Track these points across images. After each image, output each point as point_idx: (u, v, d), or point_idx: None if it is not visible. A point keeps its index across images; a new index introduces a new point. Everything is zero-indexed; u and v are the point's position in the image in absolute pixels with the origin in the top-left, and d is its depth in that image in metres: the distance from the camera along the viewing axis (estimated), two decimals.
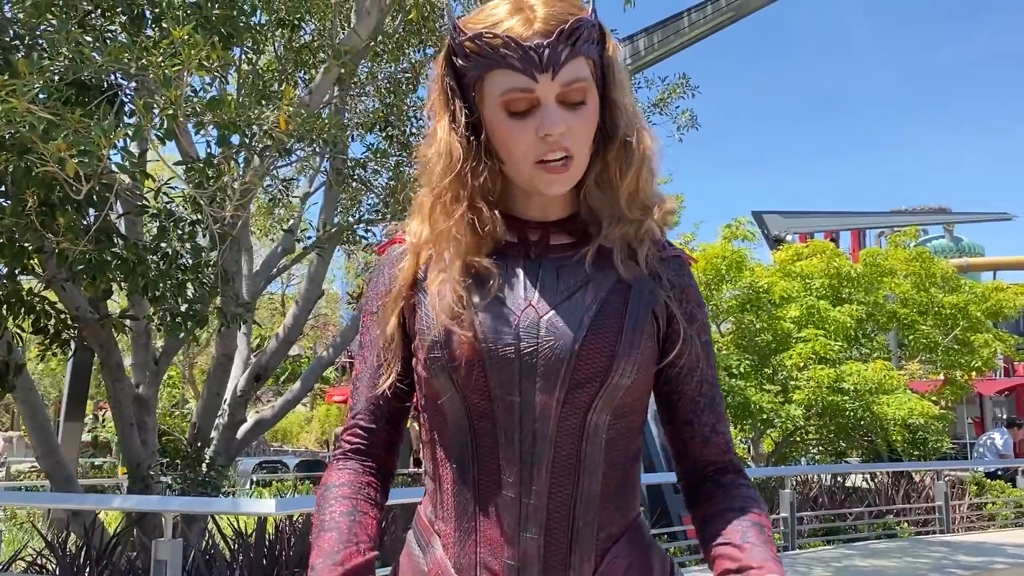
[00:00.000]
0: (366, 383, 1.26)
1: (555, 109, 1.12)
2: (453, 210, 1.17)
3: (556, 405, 1.12)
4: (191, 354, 18.40)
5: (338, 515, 1.16)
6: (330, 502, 1.19)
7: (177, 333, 4.61)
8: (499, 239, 1.18)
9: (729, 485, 1.20)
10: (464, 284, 1.16)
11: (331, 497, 1.19)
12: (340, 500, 1.19)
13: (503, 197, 1.21)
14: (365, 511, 1.18)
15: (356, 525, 1.15)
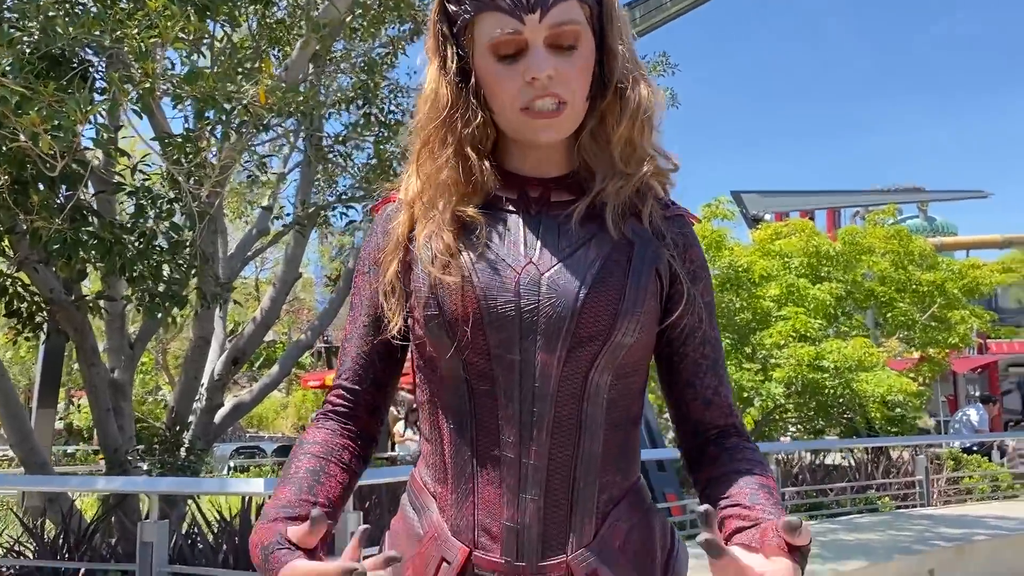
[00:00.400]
0: (355, 344, 1.23)
1: (542, 52, 1.08)
2: (439, 156, 1.14)
3: (557, 364, 1.08)
4: (164, 340, 18.21)
5: (303, 471, 1.13)
6: (299, 457, 1.16)
7: (155, 313, 4.51)
8: (489, 190, 1.15)
9: (733, 448, 1.17)
10: (453, 232, 1.12)
11: (301, 453, 1.16)
12: (309, 457, 1.15)
13: (501, 153, 1.18)
14: (332, 473, 1.14)
15: (317, 485, 1.12)
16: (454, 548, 1.09)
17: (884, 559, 5.15)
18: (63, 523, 5.19)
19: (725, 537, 1.04)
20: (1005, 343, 22.83)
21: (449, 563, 1.09)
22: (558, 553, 1.08)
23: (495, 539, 1.08)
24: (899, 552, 5.39)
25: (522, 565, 1.08)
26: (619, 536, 1.11)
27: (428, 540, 1.12)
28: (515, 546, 1.08)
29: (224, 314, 8.95)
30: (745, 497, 1.06)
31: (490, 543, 1.08)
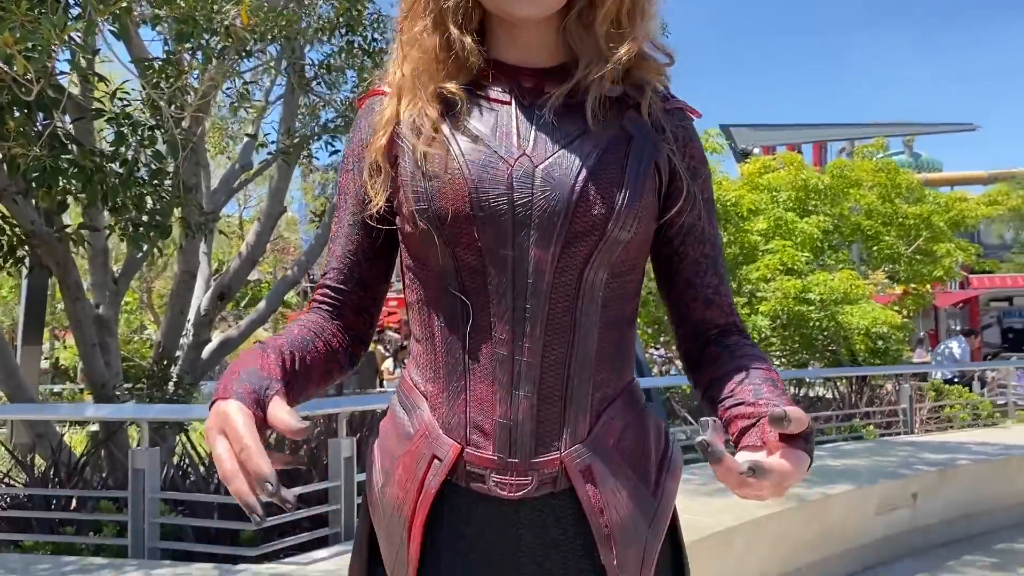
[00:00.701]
0: (341, 243, 1.19)
1: None
2: (415, 25, 1.09)
3: (551, 260, 1.04)
4: (149, 279, 18.07)
5: (294, 336, 1.11)
6: (291, 328, 1.13)
7: (140, 244, 4.43)
8: (472, 67, 1.09)
9: (734, 346, 1.14)
10: (438, 110, 1.08)
11: (294, 326, 1.14)
12: (302, 328, 1.13)
13: (490, 42, 1.13)
14: (318, 350, 1.12)
15: (305, 352, 1.09)
16: (445, 445, 1.07)
17: (869, 483, 5.23)
18: (53, 457, 5.18)
19: (734, 438, 1.01)
20: (986, 278, 23.09)
21: (440, 460, 1.07)
22: (551, 450, 1.06)
23: (487, 436, 1.06)
24: (884, 477, 5.47)
25: (515, 461, 1.05)
26: (613, 434, 1.09)
27: (419, 438, 1.09)
28: (508, 443, 1.05)
29: (209, 249, 8.86)
30: (748, 393, 1.03)
31: (482, 440, 1.06)
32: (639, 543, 1.08)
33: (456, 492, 1.09)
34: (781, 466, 0.89)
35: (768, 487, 0.89)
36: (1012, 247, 29.31)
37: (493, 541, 1.08)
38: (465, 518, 1.08)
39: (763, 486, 0.89)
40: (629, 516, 1.08)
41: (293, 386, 1.04)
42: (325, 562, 3.61)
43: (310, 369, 1.09)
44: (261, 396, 0.96)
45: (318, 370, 1.10)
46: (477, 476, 1.07)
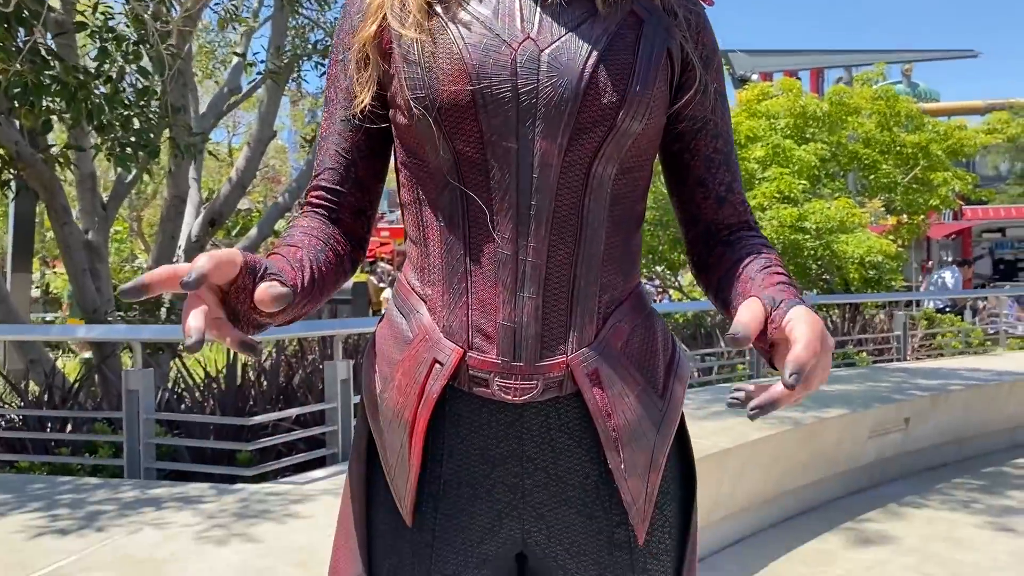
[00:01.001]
0: (333, 141, 1.11)
1: None
2: None
3: (558, 153, 0.98)
4: (138, 206, 17.90)
5: (307, 245, 1.04)
6: (296, 235, 1.06)
7: (127, 164, 4.33)
8: None
9: (737, 241, 1.10)
10: None
11: (297, 232, 1.07)
12: (310, 236, 1.06)
13: None
14: (329, 260, 1.05)
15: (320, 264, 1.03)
16: (447, 349, 1.02)
17: (863, 408, 5.26)
18: (46, 382, 5.16)
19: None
20: (980, 209, 23.04)
21: (442, 364, 1.02)
22: (557, 353, 1.01)
23: (490, 339, 1.01)
24: (877, 401, 5.50)
25: (519, 365, 1.00)
26: (621, 337, 1.04)
27: (418, 342, 1.04)
28: (512, 346, 1.00)
29: (198, 175, 8.72)
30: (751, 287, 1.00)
31: (485, 343, 1.01)
32: (647, 447, 1.04)
33: (458, 397, 1.04)
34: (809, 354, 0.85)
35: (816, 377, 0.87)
36: (1007, 178, 29.21)
37: (497, 447, 1.04)
38: (468, 423, 1.04)
39: (811, 381, 0.87)
40: (637, 419, 1.04)
41: (303, 298, 0.99)
42: (322, 481, 3.61)
43: (324, 282, 1.03)
44: (259, 270, 0.90)
45: (329, 281, 1.05)
46: (480, 380, 1.02)
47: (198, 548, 2.70)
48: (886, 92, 11.57)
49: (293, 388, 4.78)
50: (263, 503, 3.22)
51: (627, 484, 1.03)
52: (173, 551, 2.67)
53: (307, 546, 2.72)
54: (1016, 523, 4.64)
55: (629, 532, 1.06)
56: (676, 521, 1.11)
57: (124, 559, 2.60)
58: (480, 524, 1.05)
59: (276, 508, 3.15)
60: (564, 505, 1.05)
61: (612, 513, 1.06)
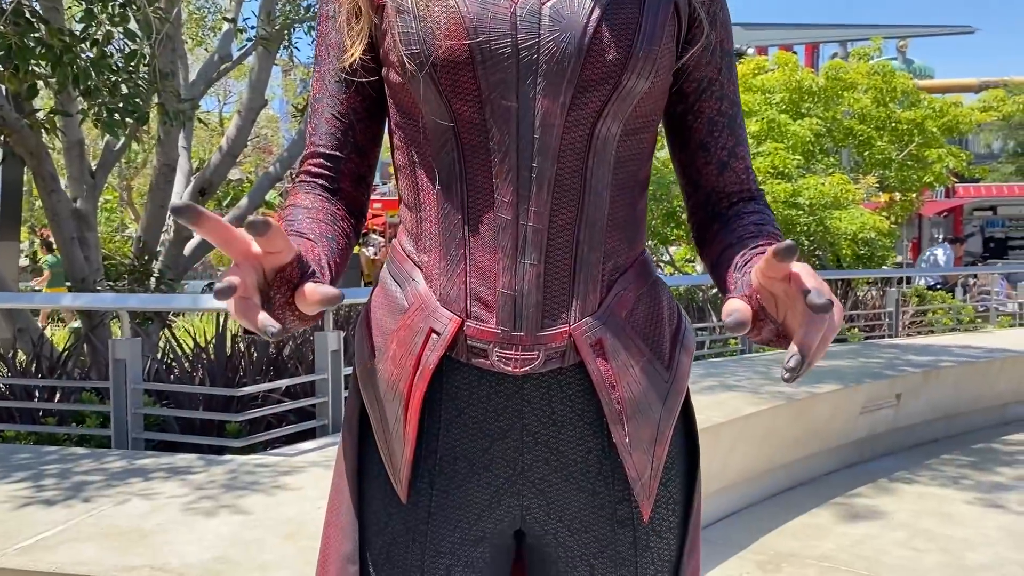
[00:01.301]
0: (327, 104, 1.05)
1: None
2: None
3: (561, 111, 0.93)
4: (128, 175, 17.74)
5: (318, 232, 0.97)
6: (301, 220, 0.98)
7: (115, 130, 4.24)
8: None
9: (736, 216, 1.05)
10: None
11: (304, 218, 0.99)
12: (316, 223, 0.99)
13: None
14: (341, 248, 0.99)
15: (335, 256, 0.97)
16: (444, 318, 0.97)
17: (855, 383, 5.25)
18: (34, 351, 5.11)
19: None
20: (972, 187, 23.08)
21: (439, 334, 0.97)
22: (559, 322, 0.97)
23: (490, 308, 0.96)
24: (869, 377, 5.50)
25: (520, 335, 0.96)
26: (626, 306, 1.00)
27: (414, 311, 0.99)
28: (512, 315, 0.96)
29: (188, 144, 8.61)
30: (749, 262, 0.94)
31: (484, 312, 0.96)
32: (652, 420, 1.00)
33: (456, 368, 1.00)
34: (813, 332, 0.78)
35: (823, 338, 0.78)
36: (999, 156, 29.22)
37: (496, 420, 1.00)
38: (466, 396, 1.00)
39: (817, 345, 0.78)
40: (642, 391, 1.00)
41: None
42: (312, 453, 3.58)
43: (338, 275, 0.98)
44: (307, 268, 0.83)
45: (342, 271, 1.00)
46: (479, 351, 0.98)
47: (186, 519, 2.67)
48: (883, 68, 11.51)
49: (283, 359, 4.73)
50: (252, 475, 3.19)
51: (632, 459, 0.99)
52: (160, 522, 2.64)
53: (296, 518, 2.69)
54: (1005, 499, 4.65)
55: (632, 509, 1.03)
56: (680, 497, 1.07)
57: (110, 529, 2.57)
58: (478, 500, 1.02)
59: (265, 480, 3.12)
60: (565, 481, 1.02)
61: (615, 489, 1.02)
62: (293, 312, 0.82)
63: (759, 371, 5.73)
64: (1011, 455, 5.70)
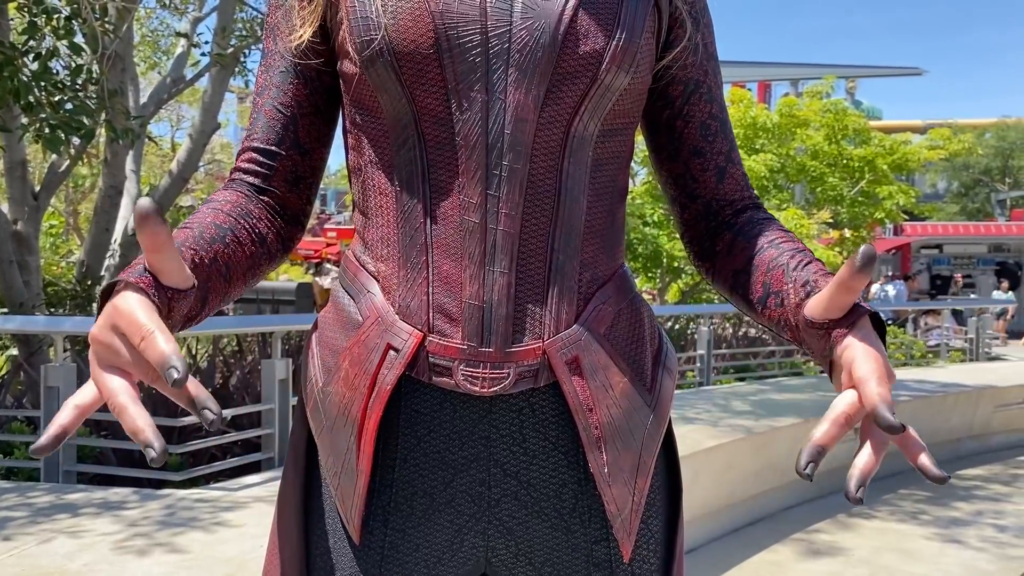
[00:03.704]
0: (270, 95, 0.96)
1: None
2: None
3: (534, 106, 0.84)
4: (75, 199, 17.31)
5: (207, 223, 0.86)
6: (203, 212, 0.88)
7: (57, 146, 4.06)
8: None
9: (745, 224, 0.97)
10: None
11: (207, 210, 0.89)
12: (216, 213, 0.88)
13: None
14: (241, 240, 0.88)
15: (219, 243, 0.85)
16: (403, 333, 0.86)
17: (813, 416, 5.22)
18: None
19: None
20: (919, 225, 23.67)
21: (397, 351, 0.86)
22: (532, 337, 0.86)
23: (455, 321, 0.85)
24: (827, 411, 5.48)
25: (488, 351, 0.85)
26: (604, 321, 0.90)
27: (369, 325, 0.88)
28: (479, 328, 0.85)
29: (137, 167, 8.40)
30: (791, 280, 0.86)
31: (448, 326, 0.86)
32: (634, 448, 0.90)
33: (416, 390, 0.88)
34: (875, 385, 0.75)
35: None
36: (943, 196, 30.04)
37: (460, 449, 0.88)
38: (427, 421, 0.89)
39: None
40: (623, 415, 0.89)
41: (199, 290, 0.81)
42: (256, 488, 3.41)
43: (229, 268, 0.85)
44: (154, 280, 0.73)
45: (238, 267, 0.87)
46: (442, 369, 0.87)
47: (116, 558, 2.48)
48: (835, 105, 11.72)
49: (229, 388, 4.54)
50: (190, 510, 3.01)
51: (611, 491, 0.88)
52: (87, 562, 2.45)
53: (236, 557, 2.52)
54: (963, 534, 4.63)
55: (611, 549, 0.92)
56: (661, 537, 0.96)
57: (32, 570, 2.38)
58: (437, 541, 0.90)
59: (205, 516, 2.94)
60: (536, 517, 0.90)
61: (591, 527, 0.91)
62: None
63: (718, 403, 5.68)
64: (967, 490, 5.70)
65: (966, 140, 13.58)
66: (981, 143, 23.89)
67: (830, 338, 0.79)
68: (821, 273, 0.85)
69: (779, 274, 0.88)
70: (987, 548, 4.38)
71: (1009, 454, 6.90)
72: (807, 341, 0.83)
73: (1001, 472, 6.32)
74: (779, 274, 0.88)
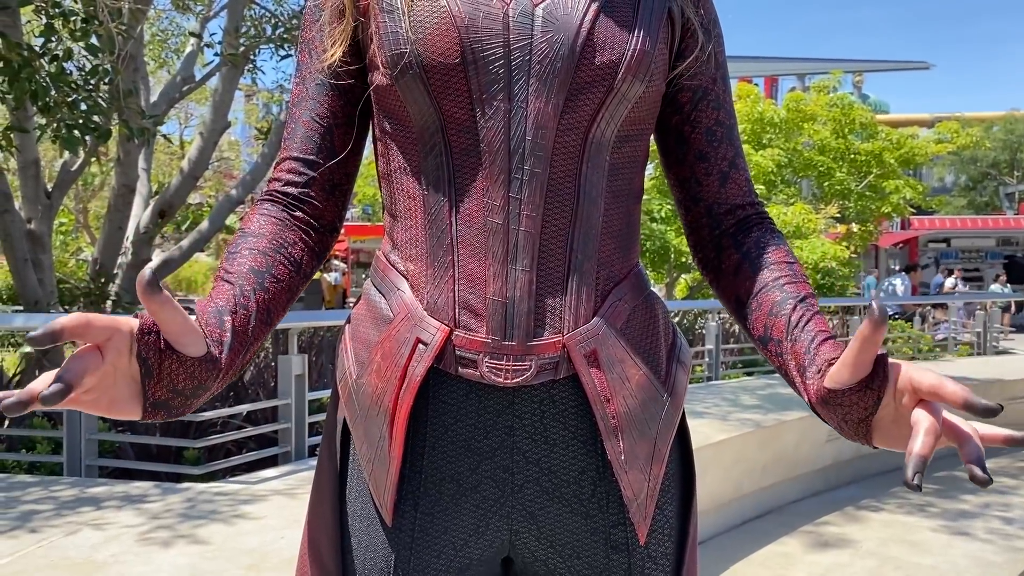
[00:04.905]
0: (307, 107, 1.01)
1: None
2: None
3: (554, 113, 0.90)
4: (85, 198, 17.42)
5: (245, 273, 0.92)
6: (242, 253, 0.94)
7: (74, 146, 4.12)
8: None
9: (751, 246, 1.01)
10: None
11: (244, 248, 0.95)
12: (253, 255, 0.94)
13: None
14: (278, 277, 0.94)
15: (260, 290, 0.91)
16: (431, 328, 0.92)
17: None
18: None
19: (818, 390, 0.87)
20: (927, 219, 23.61)
21: (426, 345, 0.92)
22: (552, 331, 0.92)
23: (479, 316, 0.91)
24: None
25: (511, 344, 0.91)
26: (621, 317, 0.96)
27: (399, 321, 0.94)
28: (503, 323, 0.91)
29: (148, 165, 8.47)
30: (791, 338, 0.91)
31: (473, 321, 0.91)
32: (649, 436, 0.95)
33: (444, 382, 0.94)
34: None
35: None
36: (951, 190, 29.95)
37: (485, 438, 0.94)
38: (454, 411, 0.94)
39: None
40: (639, 406, 0.94)
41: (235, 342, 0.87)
42: (274, 481, 3.47)
43: (268, 314, 0.92)
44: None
45: (278, 305, 0.94)
46: (468, 361, 0.92)
47: (141, 550, 2.55)
48: (842, 100, 11.74)
49: (245, 384, 4.61)
50: (211, 503, 3.07)
51: (627, 477, 0.94)
52: (114, 553, 2.51)
53: (258, 548, 2.58)
54: (971, 526, 4.67)
55: (627, 533, 0.97)
56: (676, 523, 1.02)
57: (61, 561, 2.44)
58: (464, 524, 0.95)
59: (224, 509, 3.00)
60: (557, 502, 0.96)
61: (609, 512, 0.97)
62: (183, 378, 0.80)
63: (727, 398, 5.72)
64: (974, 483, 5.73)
65: (974, 133, 13.58)
66: (989, 136, 23.83)
67: (875, 391, 0.82)
68: (820, 338, 0.89)
69: (780, 324, 0.93)
70: (994, 540, 4.42)
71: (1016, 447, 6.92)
72: (835, 410, 0.86)
73: (1008, 465, 6.36)
74: (780, 324, 0.93)
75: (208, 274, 26.69)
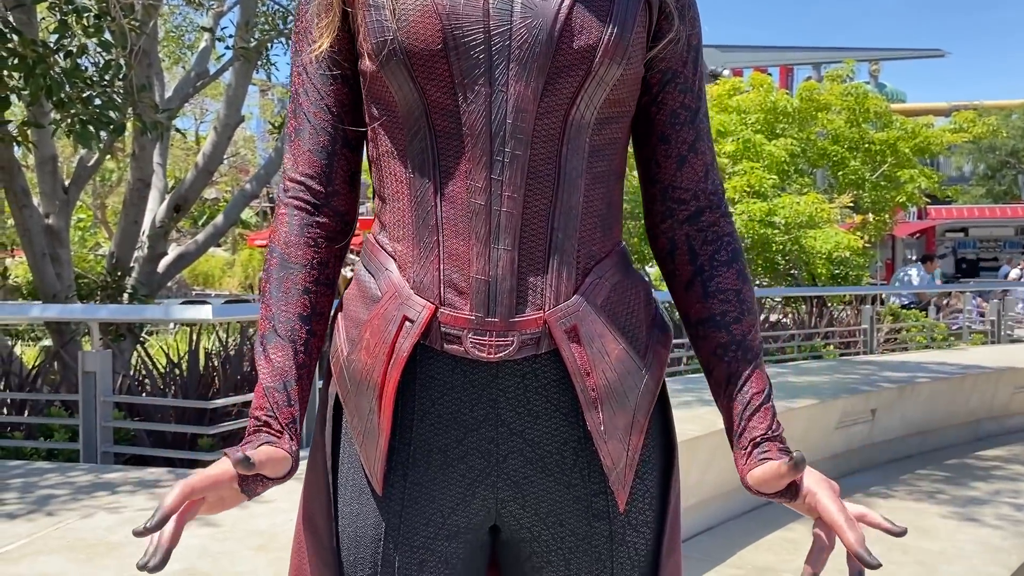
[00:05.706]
0: (314, 99, 1.05)
1: None
2: None
3: (533, 97, 0.93)
4: (102, 193, 17.59)
5: (293, 318, 1.02)
6: (289, 293, 1.03)
7: (88, 140, 4.19)
8: None
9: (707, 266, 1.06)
10: None
11: (288, 285, 1.03)
12: (299, 294, 1.03)
13: None
14: (322, 313, 1.04)
15: (311, 338, 1.03)
16: (417, 305, 0.96)
17: (831, 398, 5.27)
18: (3, 368, 5.02)
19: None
20: (944, 209, 23.42)
21: (412, 322, 0.96)
22: (534, 308, 0.96)
23: (463, 294, 0.96)
24: (845, 392, 5.52)
25: (494, 321, 0.95)
26: (601, 294, 0.99)
27: (387, 299, 0.99)
28: (486, 301, 0.95)
29: (163, 160, 8.56)
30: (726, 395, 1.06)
31: (458, 299, 0.96)
32: (627, 408, 0.99)
33: (430, 357, 0.99)
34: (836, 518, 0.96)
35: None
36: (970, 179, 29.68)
37: (470, 411, 0.98)
38: (440, 385, 0.99)
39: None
40: (617, 379, 0.98)
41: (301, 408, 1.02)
42: None
43: (317, 350, 1.04)
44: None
45: (321, 331, 1.05)
46: (453, 338, 0.97)
47: None
48: (856, 89, 11.68)
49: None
50: None
51: (607, 447, 0.98)
52: (128, 534, 2.58)
53: (268, 530, 2.65)
54: (980, 512, 4.68)
55: (608, 501, 1.01)
56: (656, 492, 1.06)
57: (77, 542, 2.51)
58: (452, 494, 1.00)
59: None
60: (541, 473, 1.00)
61: (591, 482, 1.01)
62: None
63: None
64: (985, 470, 5.73)
65: (991, 122, 13.47)
66: (1007, 124, 23.61)
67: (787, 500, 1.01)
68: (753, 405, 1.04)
69: (721, 371, 1.05)
70: (1003, 526, 4.43)
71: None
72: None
73: (1020, 453, 6.34)
74: (721, 371, 1.05)
75: (224, 268, 26.89)
